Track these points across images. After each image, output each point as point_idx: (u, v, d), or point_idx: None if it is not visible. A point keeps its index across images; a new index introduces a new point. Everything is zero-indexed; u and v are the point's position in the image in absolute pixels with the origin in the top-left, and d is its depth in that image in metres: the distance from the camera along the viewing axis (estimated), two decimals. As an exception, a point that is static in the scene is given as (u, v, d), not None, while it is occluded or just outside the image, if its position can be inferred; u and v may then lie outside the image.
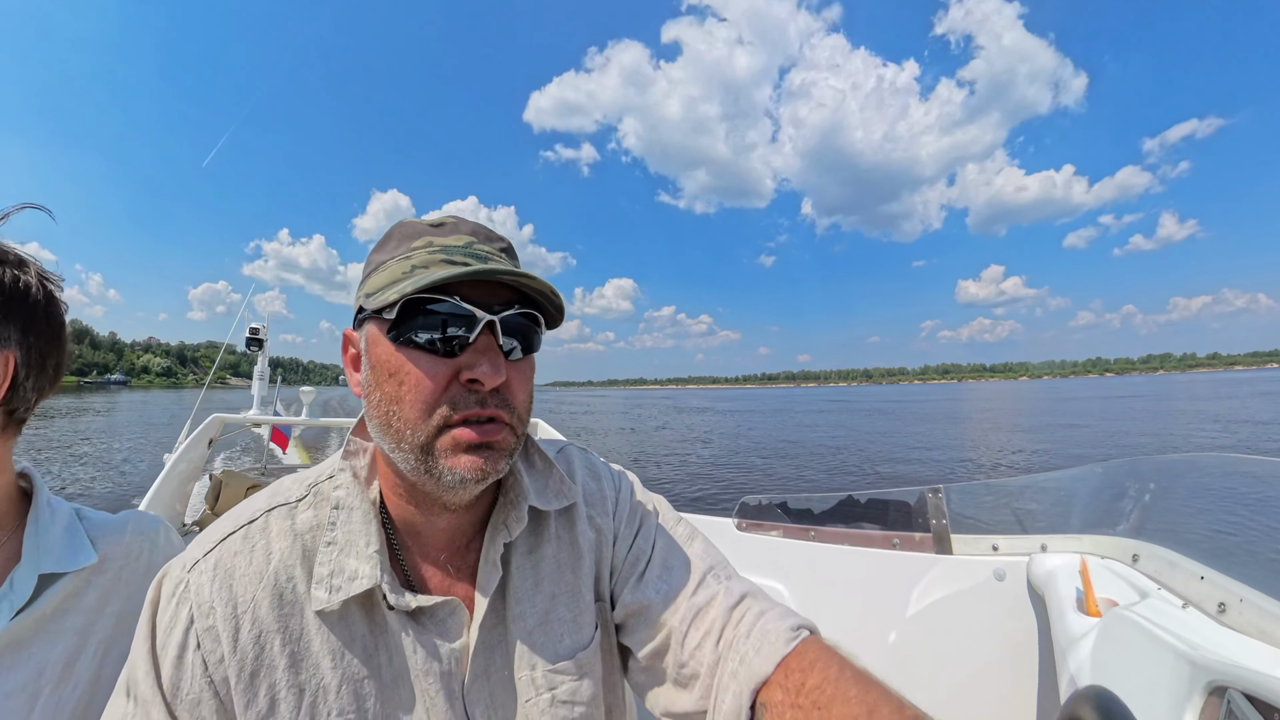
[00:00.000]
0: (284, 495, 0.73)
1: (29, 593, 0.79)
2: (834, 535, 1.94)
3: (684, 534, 0.84)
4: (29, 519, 0.85)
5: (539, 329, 0.70)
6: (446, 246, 0.66)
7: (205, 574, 0.65)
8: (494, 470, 0.65)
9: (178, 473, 3.63)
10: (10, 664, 0.77)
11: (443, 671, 0.68)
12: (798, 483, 17.55)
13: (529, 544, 0.78)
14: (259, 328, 6.36)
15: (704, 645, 0.70)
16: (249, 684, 0.63)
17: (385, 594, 0.66)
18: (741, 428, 38.22)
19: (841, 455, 22.88)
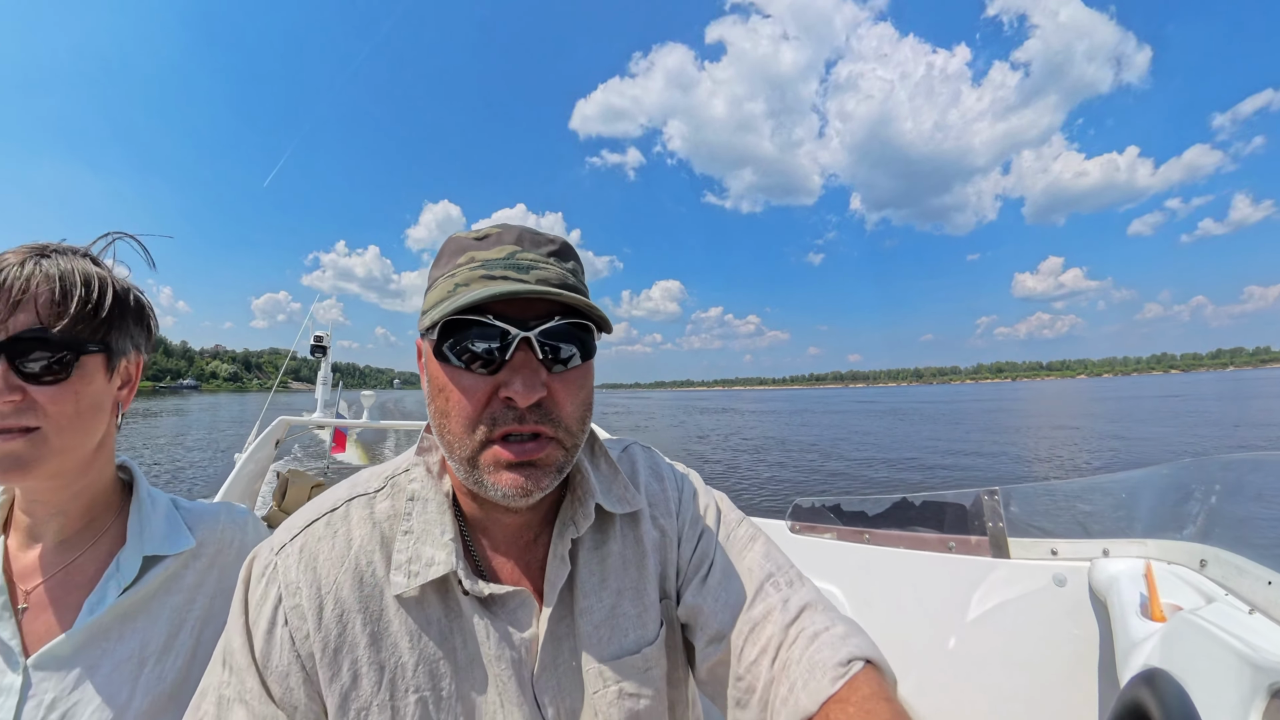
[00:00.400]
0: (363, 486, 0.78)
1: (134, 573, 0.88)
2: (888, 538, 1.92)
3: (745, 536, 0.85)
4: (132, 507, 0.95)
5: (588, 336, 0.69)
6: (487, 261, 0.67)
7: (292, 557, 0.71)
8: (537, 487, 0.66)
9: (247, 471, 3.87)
10: (118, 635, 0.86)
11: (513, 658, 0.71)
12: (844, 483, 17.17)
13: (595, 540, 0.80)
14: (323, 335, 6.72)
15: (760, 662, 0.71)
16: (333, 659, 0.67)
17: (460, 580, 0.70)
18: (784, 429, 37.62)
19: (889, 455, 22.25)
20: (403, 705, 0.67)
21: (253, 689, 0.66)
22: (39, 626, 0.83)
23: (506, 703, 0.70)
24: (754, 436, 33.01)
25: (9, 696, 0.78)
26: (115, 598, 0.86)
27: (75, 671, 0.82)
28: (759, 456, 23.56)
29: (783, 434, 34.61)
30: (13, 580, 0.85)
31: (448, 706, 0.69)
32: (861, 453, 23.95)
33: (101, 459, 0.92)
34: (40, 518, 0.88)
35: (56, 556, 0.88)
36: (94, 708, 0.81)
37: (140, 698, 0.84)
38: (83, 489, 0.90)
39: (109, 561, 0.89)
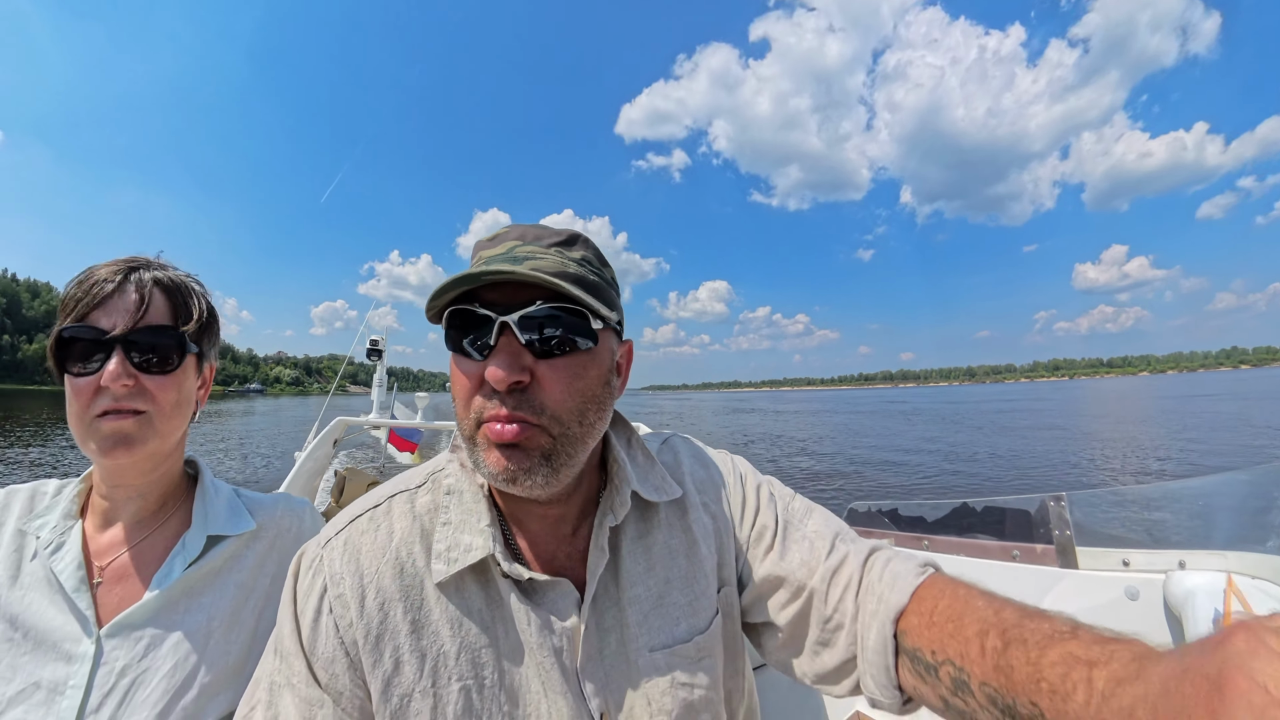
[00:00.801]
0: (405, 483, 0.82)
1: (198, 550, 0.97)
2: (948, 545, 1.85)
3: (802, 507, 0.88)
4: (197, 493, 1.04)
5: (583, 323, 0.68)
6: (489, 256, 0.71)
7: (336, 550, 0.74)
8: (521, 472, 0.66)
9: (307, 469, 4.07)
10: (185, 608, 0.94)
11: (556, 647, 0.72)
12: (887, 483, 16.62)
13: (638, 529, 0.81)
14: (378, 340, 7.03)
15: (845, 598, 0.75)
16: (374, 646, 0.70)
17: (499, 561, 0.72)
18: (822, 430, 36.73)
19: (938, 456, 21.40)
20: (445, 693, 0.69)
21: (300, 674, 0.69)
22: (112, 599, 0.91)
23: (550, 691, 0.71)
24: (797, 437, 32.41)
25: (84, 663, 0.85)
26: (181, 572, 0.94)
27: (145, 641, 0.89)
28: (805, 457, 23.12)
29: (822, 435, 33.84)
30: (90, 558, 0.93)
31: (491, 695, 0.70)
32: (908, 457, 23.16)
33: (179, 450, 1.03)
34: (119, 500, 0.97)
35: (129, 537, 0.97)
36: (162, 674, 0.88)
37: (206, 669, 0.91)
38: (162, 475, 0.99)
39: (176, 541, 0.98)
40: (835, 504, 2.18)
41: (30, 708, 0.81)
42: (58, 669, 0.84)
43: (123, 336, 0.88)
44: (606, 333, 0.73)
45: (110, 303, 0.89)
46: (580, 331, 0.68)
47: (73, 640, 0.86)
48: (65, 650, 0.86)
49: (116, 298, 0.90)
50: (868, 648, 0.70)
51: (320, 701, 0.68)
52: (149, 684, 0.86)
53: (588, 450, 0.72)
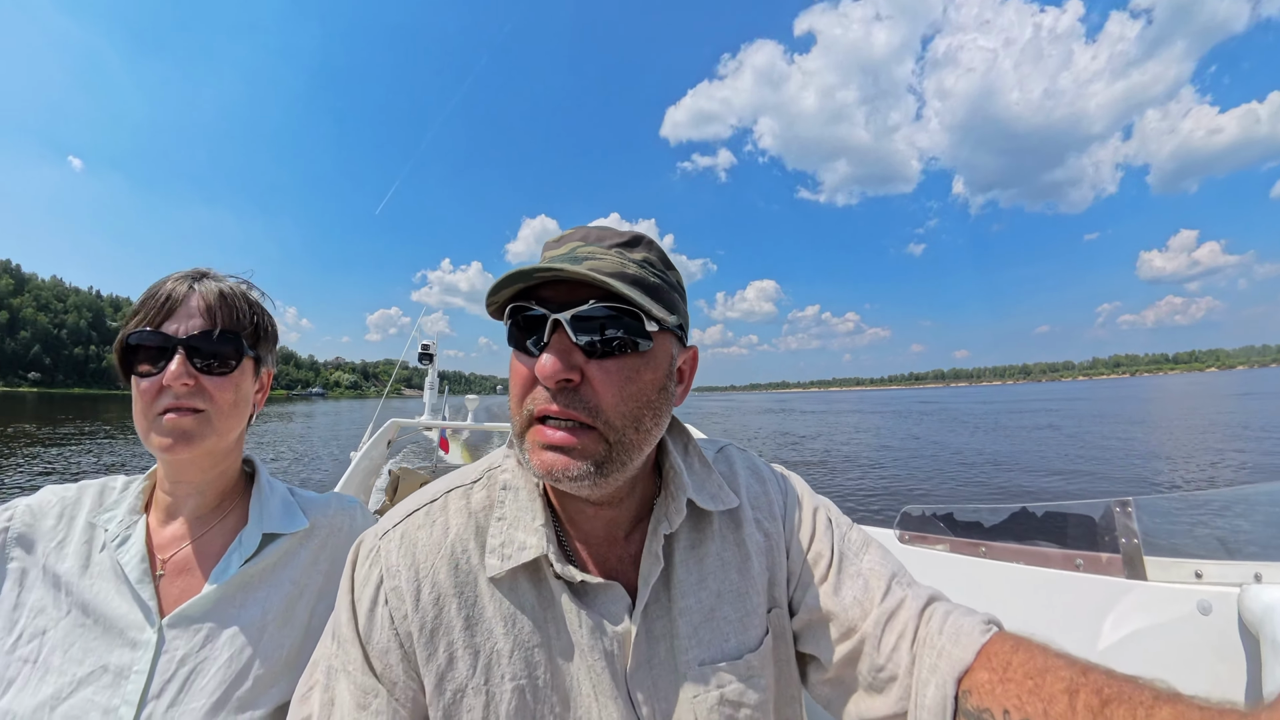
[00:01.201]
0: (460, 479, 0.83)
1: (254, 547, 1.02)
2: (1007, 552, 1.77)
3: (858, 541, 0.84)
4: (253, 492, 1.10)
5: (638, 323, 0.67)
6: (552, 257, 0.70)
7: (393, 542, 0.76)
8: (565, 475, 0.66)
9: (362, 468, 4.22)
10: (242, 602, 0.99)
11: (607, 651, 0.72)
12: (937, 486, 15.98)
13: (692, 540, 0.80)
14: (429, 344, 7.28)
15: (899, 648, 0.71)
16: (429, 639, 0.71)
17: (552, 562, 0.72)
18: (870, 432, 35.66)
19: (988, 457, 20.44)
20: (499, 691, 0.70)
21: (356, 661, 0.71)
22: (173, 591, 0.97)
23: (601, 696, 0.71)
24: (843, 438, 31.61)
25: (147, 650, 0.91)
26: (238, 568, 0.99)
27: (203, 632, 0.94)
28: (851, 459, 22.54)
29: (868, 436, 32.87)
30: (153, 551, 0.99)
31: (544, 695, 0.71)
32: (957, 459, 22.24)
33: (237, 450, 1.09)
34: (180, 496, 1.03)
35: (189, 532, 1.03)
36: (220, 664, 0.92)
37: (261, 662, 0.95)
38: (220, 473, 1.05)
39: (233, 537, 1.03)
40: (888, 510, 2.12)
41: (98, 689, 0.87)
42: (123, 654, 0.90)
43: (184, 340, 0.95)
44: (664, 336, 0.72)
45: (174, 311, 0.97)
46: (633, 333, 0.67)
47: (137, 628, 0.92)
48: (130, 637, 0.92)
49: (180, 306, 0.98)
50: (924, 705, 0.66)
51: (375, 690, 0.70)
52: (207, 673, 0.91)
53: (642, 456, 0.72)
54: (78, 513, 1.02)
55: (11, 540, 0.97)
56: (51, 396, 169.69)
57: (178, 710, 0.88)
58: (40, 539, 0.98)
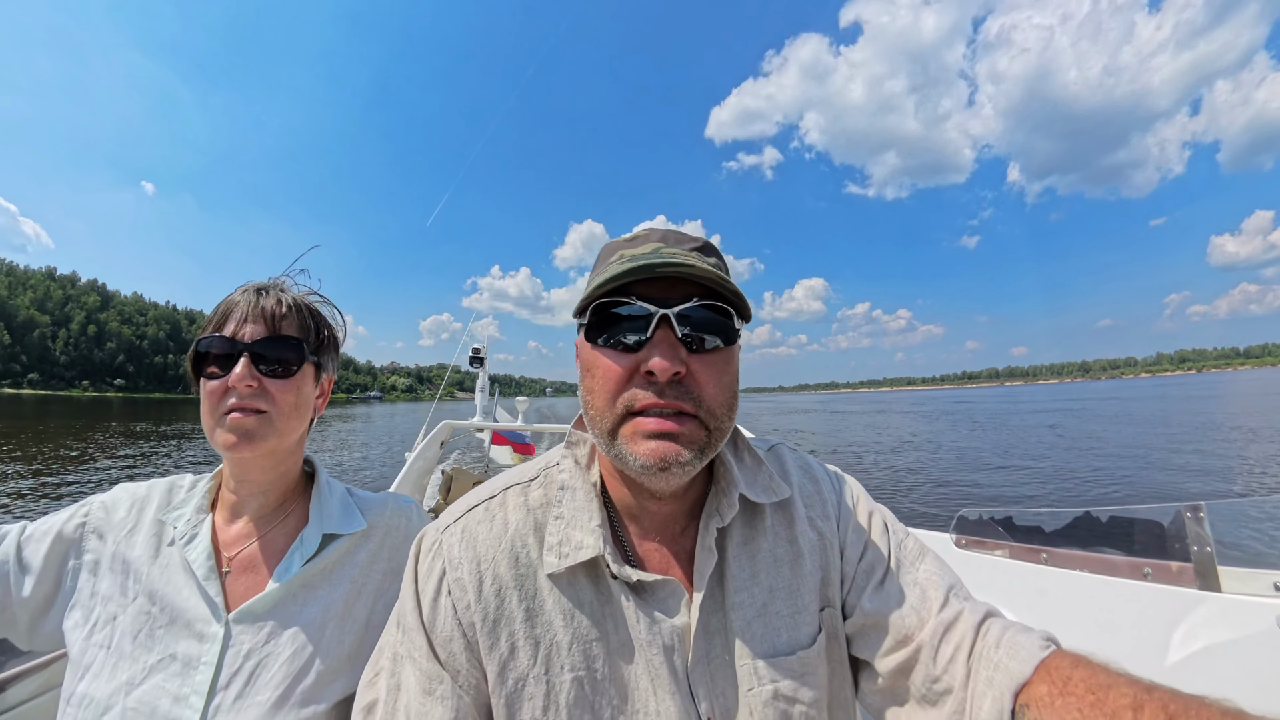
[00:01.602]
0: (518, 477, 0.85)
1: (315, 547, 1.05)
2: (1069, 559, 1.68)
3: (915, 550, 0.83)
4: (313, 493, 1.13)
5: (729, 321, 0.72)
6: (635, 255, 0.72)
7: (455, 535, 0.78)
8: (676, 460, 0.67)
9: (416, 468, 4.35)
10: (304, 600, 1.02)
11: (665, 645, 0.73)
12: (980, 487, 15.25)
13: (744, 535, 0.81)
14: (479, 348, 7.48)
15: (956, 660, 0.70)
16: (491, 630, 0.73)
17: (609, 563, 0.74)
18: (929, 433, 34.34)
19: (1052, 458, 19.34)
20: (558, 681, 0.71)
21: (421, 648, 0.74)
22: (239, 588, 1.01)
23: (660, 690, 0.72)
24: (877, 439, 30.60)
25: (214, 643, 0.95)
26: (299, 567, 1.03)
27: (267, 628, 0.98)
28: (899, 459, 21.79)
29: (919, 437, 31.70)
30: (218, 548, 1.04)
31: (602, 688, 0.72)
32: (1018, 460, 21.17)
33: (298, 451, 1.14)
34: (244, 496, 1.08)
35: (253, 531, 1.07)
36: (283, 660, 0.96)
37: (322, 657, 0.99)
38: (282, 474, 1.10)
39: (295, 537, 1.07)
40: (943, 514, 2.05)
41: (168, 676, 0.92)
42: (191, 645, 0.95)
43: (249, 345, 1.01)
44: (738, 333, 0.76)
45: (242, 319, 1.03)
46: (726, 330, 0.72)
47: (204, 621, 0.96)
48: (198, 630, 0.96)
49: (247, 314, 1.04)
50: (979, 719, 0.65)
51: (440, 677, 0.72)
52: (271, 667, 0.95)
53: (723, 446, 0.75)
54: (147, 508, 1.07)
55: (88, 534, 1.04)
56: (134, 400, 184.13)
57: (244, 702, 0.92)
58: (112, 532, 1.04)
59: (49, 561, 1.00)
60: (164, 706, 0.89)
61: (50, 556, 1.00)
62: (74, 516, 1.05)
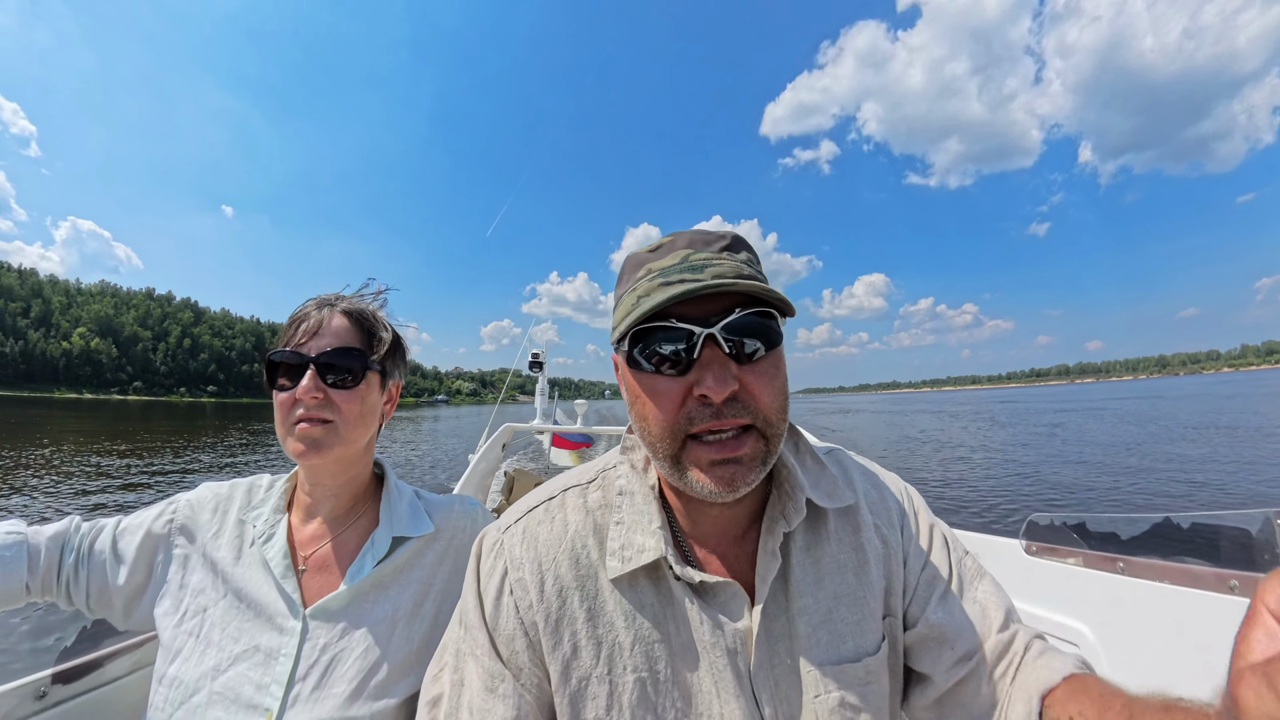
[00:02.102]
0: (577, 478, 0.86)
1: (385, 549, 1.09)
2: (1149, 569, 1.56)
3: (974, 567, 0.84)
4: (383, 496, 1.18)
5: (772, 323, 0.70)
6: (664, 269, 0.70)
7: (516, 536, 0.79)
8: (743, 483, 0.67)
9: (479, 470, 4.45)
10: (375, 599, 1.06)
11: (728, 649, 0.72)
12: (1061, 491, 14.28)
13: (808, 540, 0.79)
14: (539, 352, 7.66)
15: (1003, 679, 0.73)
16: (554, 629, 0.73)
17: (671, 565, 0.73)
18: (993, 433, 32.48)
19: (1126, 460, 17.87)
20: (621, 682, 0.71)
21: (483, 646, 0.75)
22: (314, 585, 1.06)
23: (723, 693, 0.71)
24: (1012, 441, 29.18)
25: (293, 636, 1.00)
26: (371, 568, 1.07)
27: (342, 625, 1.02)
28: (957, 460, 20.76)
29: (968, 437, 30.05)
30: (294, 548, 1.09)
31: (665, 690, 0.72)
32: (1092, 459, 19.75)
33: (367, 456, 1.18)
34: (318, 499, 1.13)
35: (326, 531, 1.12)
36: (357, 655, 1.00)
37: (393, 653, 1.02)
38: (352, 478, 1.14)
39: (366, 539, 1.11)
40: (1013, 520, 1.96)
41: (252, 665, 0.97)
42: (272, 638, 1.00)
43: (315, 358, 1.05)
44: None
45: (309, 332, 1.08)
46: (772, 332, 0.70)
47: (283, 616, 1.02)
48: (278, 624, 1.01)
49: (314, 328, 1.09)
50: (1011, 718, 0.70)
51: (502, 675, 0.73)
52: (345, 662, 0.99)
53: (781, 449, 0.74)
54: (229, 508, 1.14)
55: (176, 530, 1.11)
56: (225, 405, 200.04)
57: (321, 693, 0.96)
58: (199, 530, 1.11)
59: (140, 553, 1.08)
60: (247, 692, 0.95)
61: (141, 549, 1.09)
62: (163, 514, 1.13)
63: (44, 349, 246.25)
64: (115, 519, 1.13)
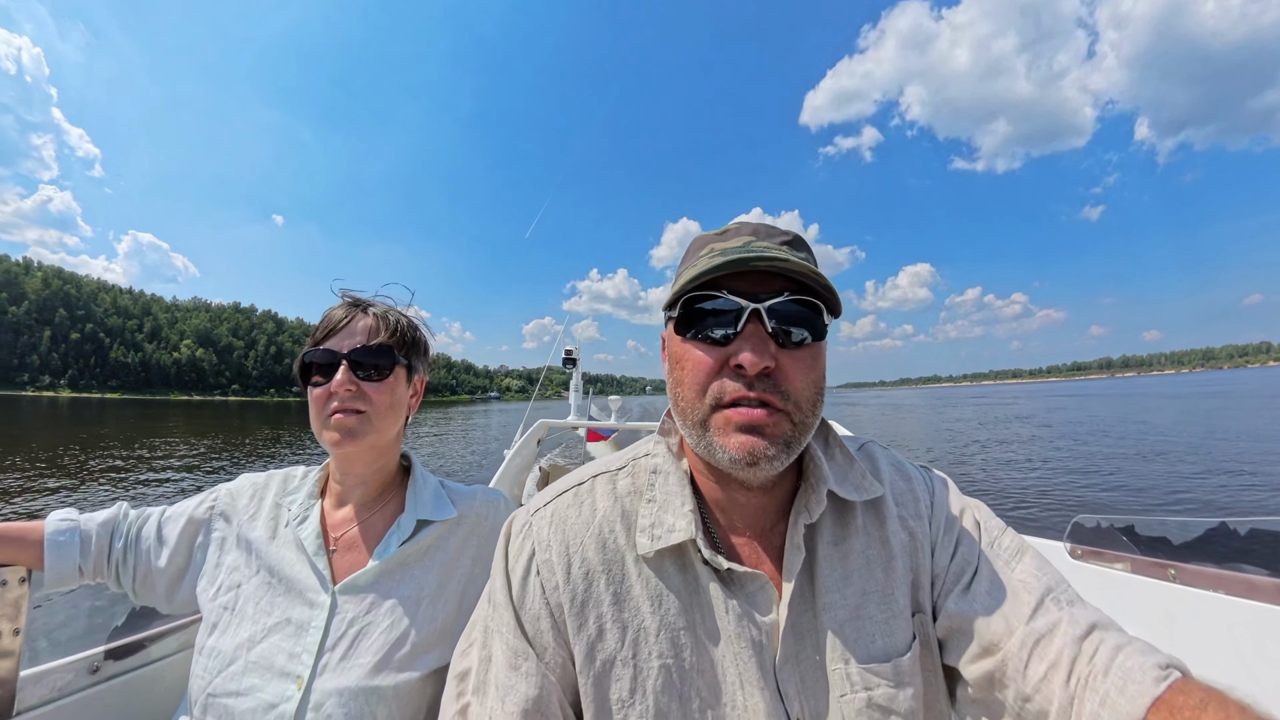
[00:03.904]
0: (606, 465, 0.84)
1: (410, 531, 1.12)
2: (1203, 577, 1.40)
3: (1011, 547, 0.74)
4: (409, 484, 1.21)
5: (818, 316, 0.69)
6: (725, 249, 0.70)
7: (544, 519, 0.78)
8: (764, 454, 0.65)
9: (514, 465, 4.48)
10: (400, 578, 1.09)
11: (754, 639, 0.69)
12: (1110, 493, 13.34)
13: (835, 535, 0.76)
14: (572, 350, 7.71)
15: (1051, 679, 0.61)
16: (580, 612, 0.71)
17: (700, 548, 0.71)
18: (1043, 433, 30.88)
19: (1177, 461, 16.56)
20: (646, 667, 0.69)
21: (509, 625, 0.73)
22: (343, 564, 1.10)
23: (747, 684, 0.68)
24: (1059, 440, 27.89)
25: (322, 610, 1.03)
26: (396, 548, 1.10)
27: (369, 600, 1.05)
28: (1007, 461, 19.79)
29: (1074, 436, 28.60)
30: (326, 530, 1.13)
31: (689, 678, 0.69)
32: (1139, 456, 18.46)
33: (395, 447, 1.21)
34: (349, 485, 1.16)
35: (355, 516, 1.16)
36: (382, 629, 1.03)
37: (417, 630, 1.04)
38: (381, 467, 1.18)
39: (393, 522, 1.15)
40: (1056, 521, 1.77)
41: (284, 637, 1.01)
42: (303, 611, 1.03)
43: (347, 354, 1.10)
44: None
45: (339, 331, 1.13)
46: (816, 325, 0.69)
47: (314, 591, 1.05)
48: (309, 598, 1.04)
49: (344, 327, 1.13)
50: None
51: (526, 654, 0.71)
52: (371, 635, 1.02)
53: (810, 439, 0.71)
54: (265, 495, 1.19)
55: (216, 515, 1.16)
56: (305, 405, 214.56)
57: (348, 663, 0.98)
58: (236, 514, 1.16)
59: (182, 538, 1.14)
60: (280, 661, 0.98)
61: (183, 534, 1.14)
62: (204, 501, 1.18)
63: (158, 359, 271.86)
64: (160, 508, 1.19)
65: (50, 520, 1.09)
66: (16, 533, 1.06)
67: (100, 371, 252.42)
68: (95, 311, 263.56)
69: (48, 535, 1.07)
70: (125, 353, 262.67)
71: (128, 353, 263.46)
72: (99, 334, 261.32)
